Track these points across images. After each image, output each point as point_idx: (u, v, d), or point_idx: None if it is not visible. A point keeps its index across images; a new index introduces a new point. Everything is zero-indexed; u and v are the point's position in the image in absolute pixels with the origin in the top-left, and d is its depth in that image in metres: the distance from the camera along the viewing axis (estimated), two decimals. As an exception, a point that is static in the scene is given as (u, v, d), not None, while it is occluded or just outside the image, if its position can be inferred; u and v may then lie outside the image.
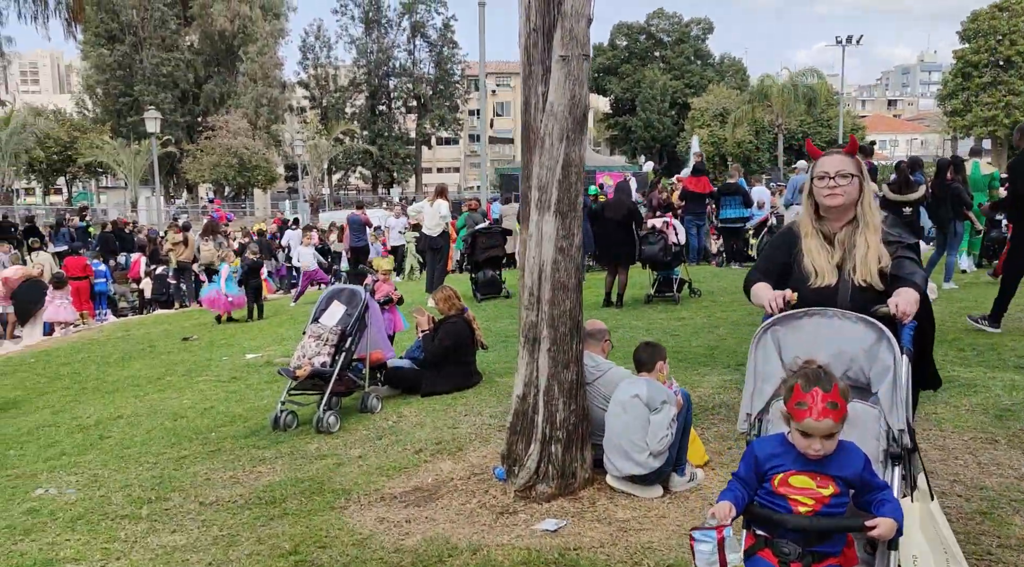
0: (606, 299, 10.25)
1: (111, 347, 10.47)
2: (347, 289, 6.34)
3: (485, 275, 11.39)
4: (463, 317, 6.70)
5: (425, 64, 69.44)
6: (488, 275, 11.43)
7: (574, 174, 4.10)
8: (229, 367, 8.36)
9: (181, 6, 57.17)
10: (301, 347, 6.05)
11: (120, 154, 43.61)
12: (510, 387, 6.59)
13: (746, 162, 75.09)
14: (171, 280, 15.74)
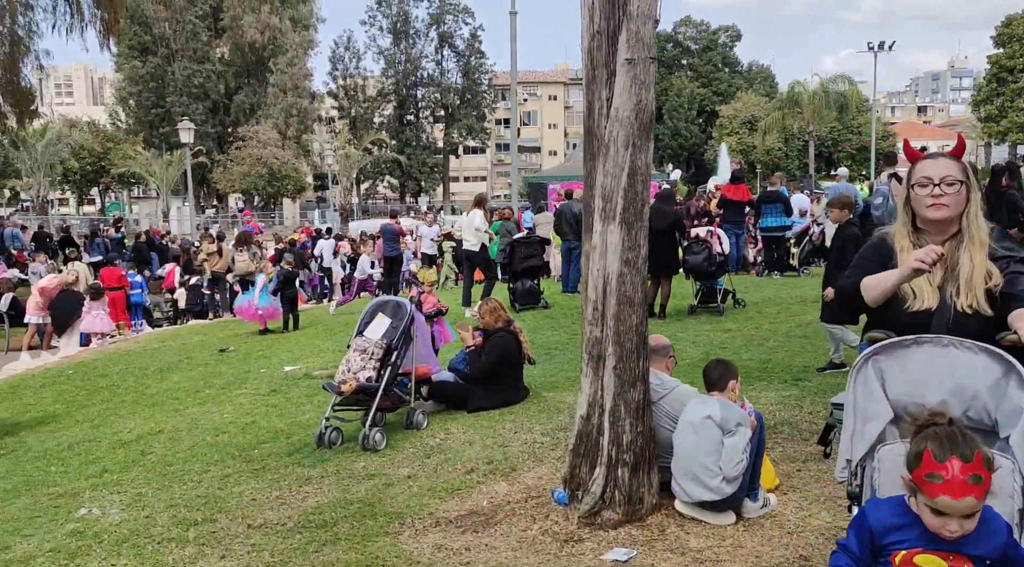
0: (648, 310, 9.98)
1: (148, 358, 10.41)
2: (392, 301, 6.17)
3: (523, 285, 11.19)
4: (510, 330, 6.50)
5: (453, 74, 69.66)
6: (527, 285, 11.24)
7: (640, 182, 3.90)
8: (268, 379, 8.24)
9: (212, 18, 57.93)
10: (346, 361, 5.89)
11: (152, 165, 44.14)
12: (559, 403, 6.42)
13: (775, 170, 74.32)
14: (205, 290, 15.73)
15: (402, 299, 6.19)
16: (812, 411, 5.71)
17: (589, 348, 3.96)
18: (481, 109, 70.80)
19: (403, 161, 59.01)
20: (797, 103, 50.69)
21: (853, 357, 7.07)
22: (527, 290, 11.20)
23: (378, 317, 6.05)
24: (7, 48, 19.11)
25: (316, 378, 8.11)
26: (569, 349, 8.47)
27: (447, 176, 72.92)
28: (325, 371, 8.33)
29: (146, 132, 54.56)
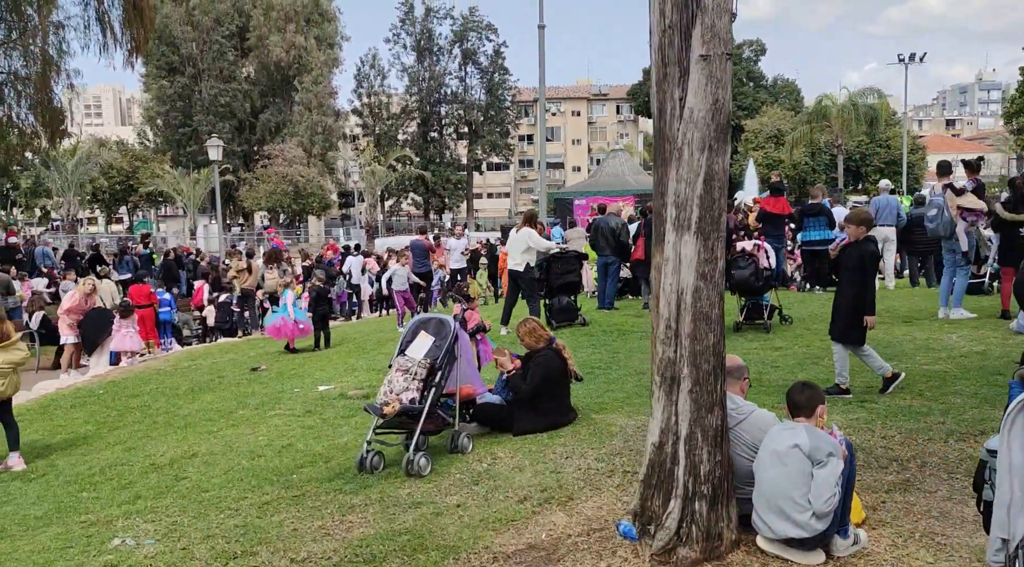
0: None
1: (179, 378, 10.21)
2: (435, 318, 5.88)
3: (560, 302, 10.86)
4: (552, 348, 6.19)
5: (476, 91, 69.80)
6: (564, 301, 10.91)
7: (717, 189, 3.60)
8: (302, 400, 7.98)
9: (239, 38, 58.58)
10: (388, 382, 5.61)
11: (180, 183, 44.47)
12: (610, 425, 6.09)
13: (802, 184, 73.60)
14: (235, 308, 15.58)
15: (445, 317, 5.91)
16: (886, 436, 5.33)
17: (662, 370, 3.65)
18: (505, 125, 70.85)
19: (428, 177, 59.03)
20: (825, 117, 50.14)
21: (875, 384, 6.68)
22: (564, 307, 10.86)
23: (421, 335, 5.77)
24: (39, 67, 19.25)
25: (351, 398, 7.85)
26: (612, 368, 8.14)
27: (471, 193, 72.92)
28: (360, 391, 8.08)
29: (173, 151, 55.15)
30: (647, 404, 6.64)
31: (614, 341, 9.60)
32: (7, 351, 6.56)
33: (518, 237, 10.55)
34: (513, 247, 10.60)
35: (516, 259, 10.42)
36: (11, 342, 6.61)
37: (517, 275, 10.47)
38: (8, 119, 20.48)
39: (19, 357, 6.66)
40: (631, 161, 54.55)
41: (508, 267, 10.65)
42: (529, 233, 10.45)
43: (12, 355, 6.59)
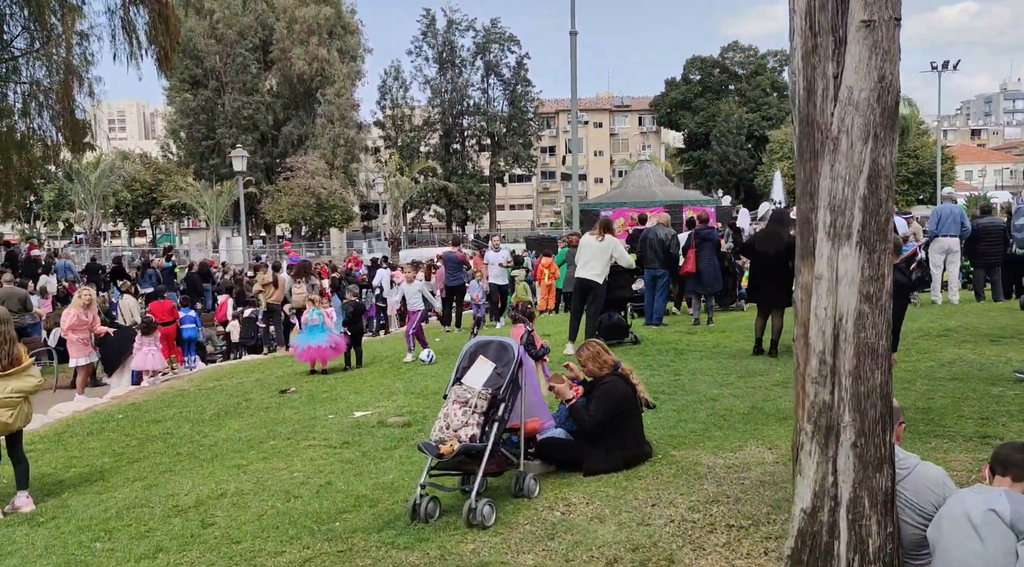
0: (757, 346, 8.87)
1: (203, 400, 9.56)
2: (495, 341, 5.16)
3: (610, 318, 10.12)
4: (618, 374, 5.44)
5: (499, 102, 69.45)
6: (613, 318, 10.17)
7: (884, 189, 2.86)
8: (337, 428, 7.28)
9: (262, 51, 58.59)
10: (444, 416, 4.89)
11: (203, 195, 44.29)
12: (695, 465, 5.33)
13: (829, 195, 72.26)
14: (260, 323, 14.97)
15: (507, 339, 5.18)
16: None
17: (814, 417, 2.90)
18: (527, 137, 70.38)
19: (453, 188, 58.61)
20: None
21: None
22: (614, 323, 10.11)
23: (479, 361, 5.05)
24: (61, 77, 18.86)
25: (392, 427, 7.15)
26: (678, 394, 7.38)
27: (493, 204, 72.44)
28: (401, 418, 7.38)
29: (196, 164, 55.14)
30: (731, 439, 5.92)
31: (672, 361, 8.83)
32: (17, 378, 5.79)
33: (600, 246, 9.55)
34: (591, 257, 9.59)
35: (595, 270, 9.50)
36: (21, 368, 5.85)
37: (590, 287, 9.53)
38: (31, 131, 20.10)
39: (30, 385, 5.89)
40: (657, 172, 53.74)
41: (580, 277, 9.66)
42: (616, 244, 9.66)
43: (23, 382, 5.82)
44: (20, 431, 6.02)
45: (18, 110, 20.34)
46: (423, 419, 7.33)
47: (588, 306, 9.61)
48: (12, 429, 5.82)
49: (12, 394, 5.74)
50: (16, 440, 6.01)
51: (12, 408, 5.74)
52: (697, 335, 10.60)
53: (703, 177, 79.79)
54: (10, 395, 5.72)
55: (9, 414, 5.72)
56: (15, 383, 5.78)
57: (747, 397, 6.99)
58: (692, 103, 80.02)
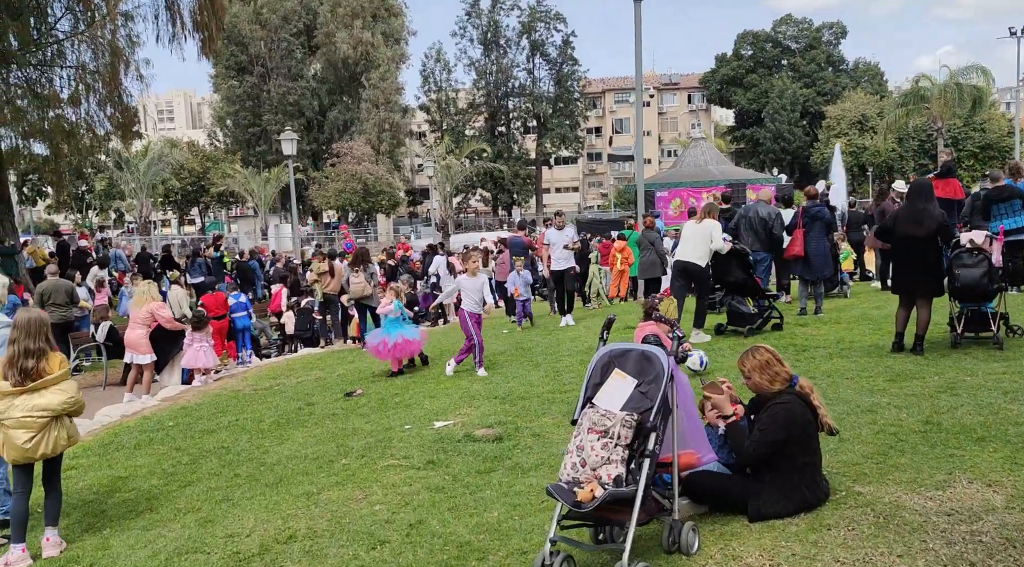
0: (897, 342, 7.59)
1: (261, 404, 8.63)
2: (634, 350, 4.02)
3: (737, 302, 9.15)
4: (794, 391, 4.26)
5: (545, 82, 67.92)
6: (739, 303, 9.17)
7: None
8: (417, 442, 6.25)
9: (306, 36, 58.03)
10: (578, 449, 3.79)
11: (250, 182, 43.87)
12: (898, 509, 4.00)
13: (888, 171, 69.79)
14: (316, 315, 14.07)
15: (653, 348, 4.03)
16: None
17: None
18: (575, 117, 68.81)
19: (505, 170, 57.59)
20: (924, 98, 46.50)
21: None
22: (738, 310, 9.12)
23: (615, 377, 3.93)
24: (107, 60, 18.13)
25: (480, 441, 6.10)
26: (833, 404, 6.15)
27: (540, 187, 71.13)
28: (490, 431, 6.31)
29: (243, 151, 54.90)
30: (925, 469, 4.56)
31: (797, 361, 7.60)
32: (42, 394, 4.80)
33: (699, 229, 9.17)
34: (691, 240, 9.22)
35: (697, 252, 9.10)
36: (45, 382, 4.83)
37: (693, 271, 9.10)
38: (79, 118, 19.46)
39: (56, 403, 4.81)
40: (713, 150, 51.91)
41: (681, 260, 9.27)
42: (714, 226, 9.07)
43: (48, 399, 4.79)
44: (58, 457, 5.02)
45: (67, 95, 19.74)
46: (515, 432, 6.26)
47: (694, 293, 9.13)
48: (31, 457, 4.81)
49: (33, 413, 4.75)
50: (52, 467, 5.02)
51: (33, 430, 4.75)
52: (810, 327, 9.33)
53: (755, 155, 77.51)
54: (30, 414, 4.74)
55: (28, 437, 4.73)
56: (38, 400, 4.79)
57: (911, 408, 5.75)
58: (744, 79, 77.62)
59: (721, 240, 9.01)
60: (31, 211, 55.52)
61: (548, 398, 7.24)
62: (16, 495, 4.87)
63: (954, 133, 65.58)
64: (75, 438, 5.11)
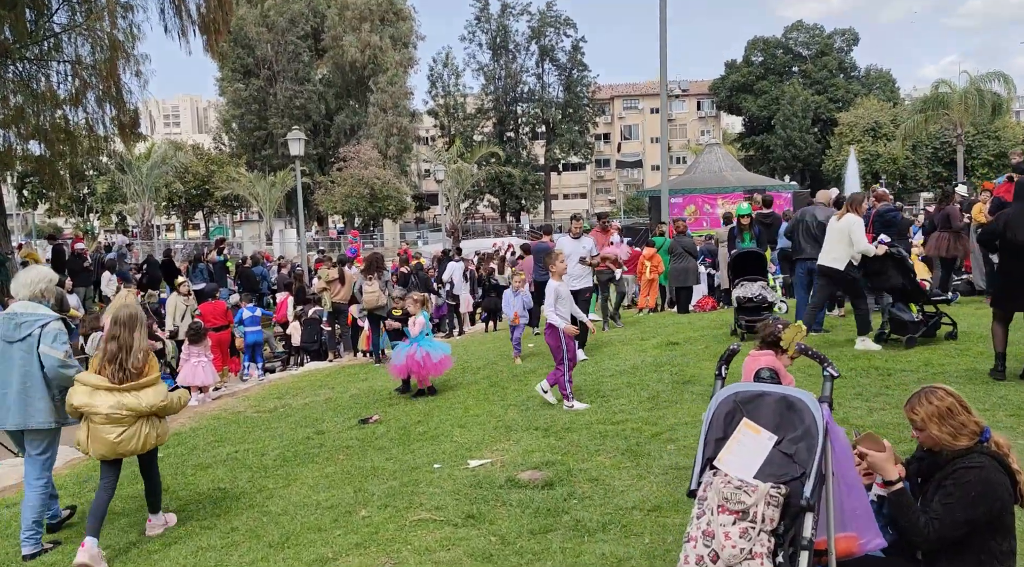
0: (999, 366, 6.54)
1: (264, 432, 7.60)
2: (769, 393, 2.98)
3: (900, 311, 8.23)
4: (987, 451, 3.19)
5: (554, 88, 67.08)
6: (902, 311, 8.24)
7: None
8: (451, 487, 5.21)
9: (313, 39, 57.24)
10: (702, 535, 2.74)
11: (256, 186, 42.95)
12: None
13: (902, 179, 68.74)
14: (325, 326, 13.05)
15: (796, 392, 2.98)
16: None
17: None
18: (584, 123, 67.91)
19: (516, 174, 56.66)
20: (943, 104, 45.45)
21: None
22: (900, 318, 8.16)
23: (745, 430, 2.90)
24: (106, 54, 17.18)
25: (527, 487, 5.07)
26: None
27: (548, 193, 70.17)
28: (536, 473, 5.29)
29: (249, 155, 54.03)
30: None
31: (883, 386, 6.55)
32: (132, 393, 4.74)
33: (839, 227, 8.12)
34: (831, 239, 8.26)
35: (833, 253, 8.16)
36: (137, 384, 4.76)
37: (831, 274, 8.20)
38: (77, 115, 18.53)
39: (144, 404, 4.75)
40: (728, 156, 50.91)
41: (820, 264, 8.40)
42: (852, 222, 7.96)
43: (134, 400, 4.72)
44: (152, 452, 5.03)
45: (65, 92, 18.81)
46: (568, 475, 5.23)
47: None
48: (120, 453, 4.77)
49: (121, 410, 4.69)
50: (147, 460, 5.04)
51: (124, 426, 4.70)
52: (888, 347, 8.26)
53: (766, 162, 76.57)
54: (118, 411, 4.68)
55: (118, 433, 4.68)
56: (128, 399, 4.74)
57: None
58: (754, 86, 76.75)
59: (863, 241, 7.88)
60: (33, 215, 54.67)
61: (599, 431, 6.20)
62: (100, 488, 4.86)
63: (968, 141, 64.58)
64: (164, 437, 5.05)
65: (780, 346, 4.11)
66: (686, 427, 6.00)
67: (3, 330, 4.95)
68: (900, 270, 7.90)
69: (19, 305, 5.04)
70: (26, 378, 4.86)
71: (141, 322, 4.93)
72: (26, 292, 5.07)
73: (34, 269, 5.33)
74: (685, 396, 6.94)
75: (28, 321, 4.93)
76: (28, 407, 4.86)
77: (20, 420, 4.87)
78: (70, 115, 19.27)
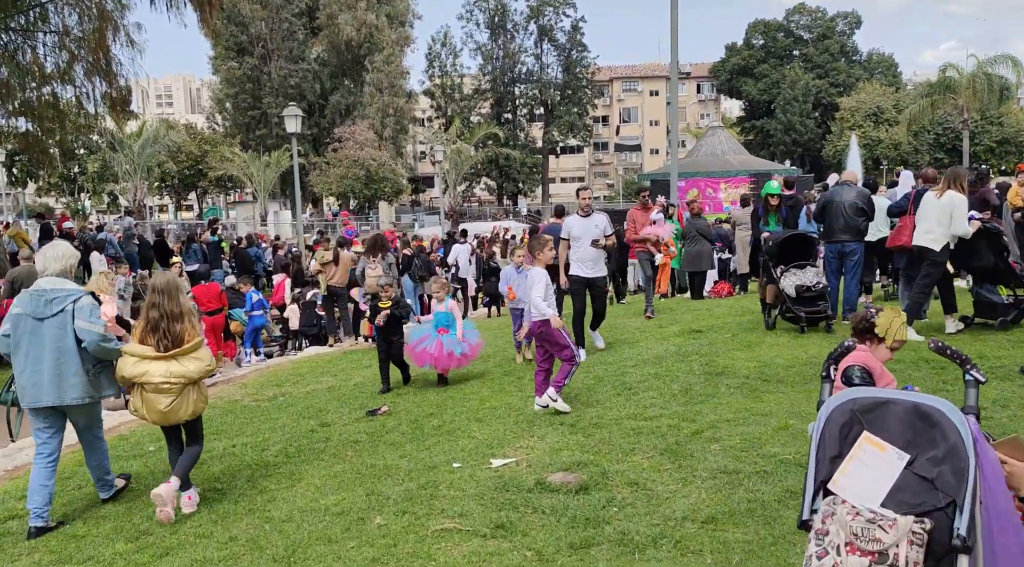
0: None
1: (264, 423, 7.05)
2: (897, 401, 2.43)
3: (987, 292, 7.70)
4: None
5: (553, 69, 66.17)
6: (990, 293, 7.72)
7: None
8: (474, 489, 4.68)
9: (308, 17, 56.15)
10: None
11: (250, 167, 42.14)
12: None
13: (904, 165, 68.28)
14: (319, 311, 12.47)
15: (930, 399, 2.44)
16: None
17: None
18: (583, 105, 67.06)
19: (517, 156, 55.93)
20: (950, 89, 44.82)
21: None
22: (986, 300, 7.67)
23: (866, 446, 2.35)
24: (94, 23, 16.45)
25: (560, 492, 4.54)
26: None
27: (546, 177, 69.44)
28: (568, 476, 4.76)
29: (243, 135, 53.10)
30: None
31: (935, 381, 6.03)
32: (179, 361, 4.82)
33: (938, 206, 7.50)
34: (928, 218, 7.61)
35: (931, 235, 7.53)
36: (184, 349, 4.84)
37: (928, 255, 7.57)
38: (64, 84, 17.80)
39: (193, 370, 4.85)
40: (731, 139, 50.32)
41: (917, 244, 7.69)
42: (955, 202, 7.37)
43: (184, 367, 4.81)
44: (196, 420, 5.06)
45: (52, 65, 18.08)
46: (603, 478, 4.70)
47: None
48: (172, 420, 4.90)
49: (171, 378, 4.76)
50: (192, 429, 5.07)
51: (173, 394, 4.79)
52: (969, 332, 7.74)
53: (766, 147, 76.05)
54: (168, 379, 4.74)
55: (168, 402, 4.77)
56: (176, 366, 4.81)
57: None
58: (755, 69, 76.07)
59: (965, 223, 7.34)
60: (23, 194, 53.73)
61: (631, 427, 5.67)
62: (169, 451, 5.13)
63: (971, 127, 64.27)
64: (205, 402, 5.10)
65: (875, 335, 3.56)
66: (728, 425, 5.47)
67: (33, 307, 4.83)
68: (994, 248, 7.37)
69: (47, 281, 4.91)
70: (59, 354, 4.77)
71: (179, 288, 4.98)
72: (56, 267, 4.95)
73: (60, 245, 5.20)
74: (720, 389, 6.41)
75: (59, 297, 4.83)
76: (63, 383, 4.79)
77: (55, 397, 4.80)
78: (59, 91, 18.58)
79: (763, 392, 6.20)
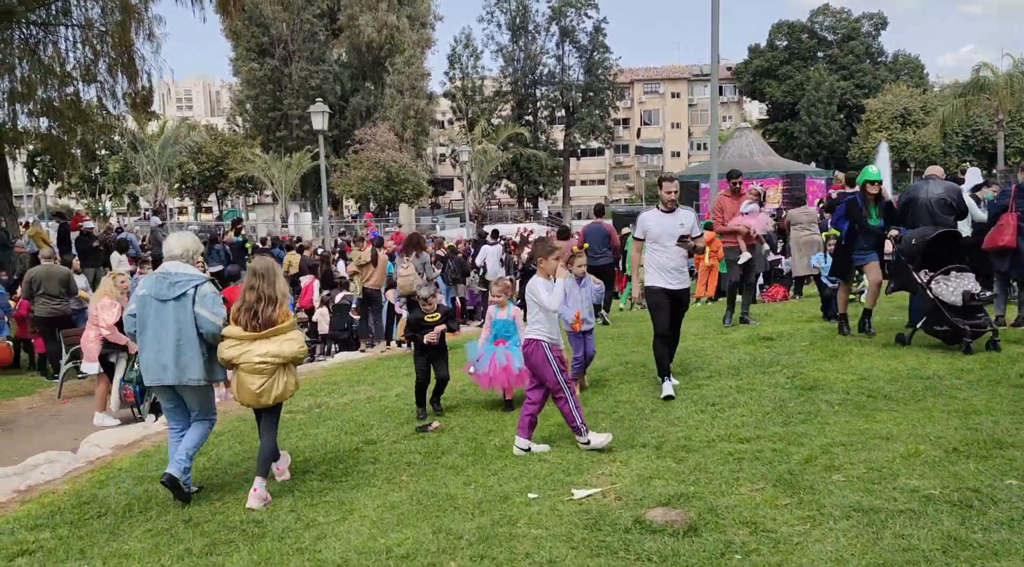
0: None
1: (302, 440, 6.35)
2: None
3: None
4: None
5: (574, 70, 65.43)
6: None
7: None
8: (560, 528, 3.96)
9: (329, 18, 55.83)
10: None
11: (271, 168, 41.74)
12: None
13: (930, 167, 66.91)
14: (353, 315, 11.81)
15: None
16: None
17: None
18: (605, 107, 66.26)
19: (542, 156, 55.24)
20: (984, 89, 43.64)
21: None
22: None
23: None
24: (118, 17, 15.93)
25: (664, 533, 3.81)
26: None
27: (567, 179, 68.70)
28: (674, 515, 4.02)
29: (263, 136, 52.81)
30: None
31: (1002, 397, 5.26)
32: (272, 341, 4.89)
33: None
34: None
35: None
36: (276, 330, 4.91)
37: None
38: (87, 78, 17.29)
39: (288, 351, 4.94)
40: (759, 140, 49.40)
41: None
42: None
43: (279, 347, 4.89)
44: (278, 406, 5.12)
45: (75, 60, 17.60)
46: (712, 515, 3.97)
47: None
48: (263, 402, 4.94)
49: (267, 359, 4.85)
50: (271, 417, 5.10)
51: (265, 376, 4.87)
52: None
53: (789, 149, 74.88)
54: (264, 359, 4.84)
55: (260, 383, 4.86)
56: (269, 346, 4.89)
57: None
58: (778, 71, 74.98)
59: None
60: (44, 195, 53.67)
61: (727, 451, 4.93)
62: (261, 433, 5.14)
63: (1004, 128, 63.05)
64: (296, 386, 5.15)
65: None
66: (845, 450, 4.72)
67: (156, 289, 4.95)
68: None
69: (171, 264, 5.07)
70: (180, 335, 4.88)
71: (278, 273, 5.05)
72: (180, 251, 5.09)
73: (187, 234, 5.36)
74: (820, 406, 5.65)
75: (182, 280, 4.96)
76: (183, 364, 4.89)
77: (176, 377, 4.89)
78: (82, 92, 18.11)
79: (872, 410, 5.44)
